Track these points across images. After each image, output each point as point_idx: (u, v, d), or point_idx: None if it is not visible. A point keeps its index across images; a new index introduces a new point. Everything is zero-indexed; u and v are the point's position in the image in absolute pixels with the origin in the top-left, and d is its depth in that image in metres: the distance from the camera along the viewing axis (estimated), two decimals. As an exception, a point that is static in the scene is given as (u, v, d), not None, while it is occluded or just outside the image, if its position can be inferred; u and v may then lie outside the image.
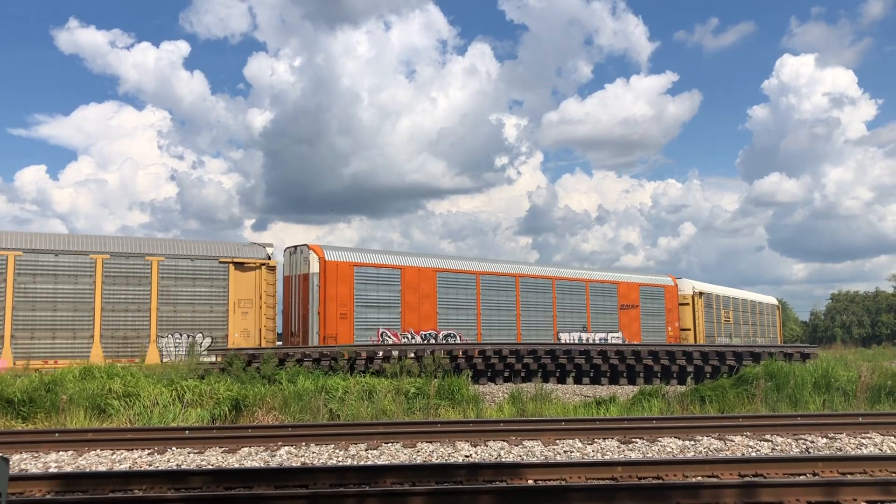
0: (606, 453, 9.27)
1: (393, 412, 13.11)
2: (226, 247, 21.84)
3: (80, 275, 19.20)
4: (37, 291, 18.70)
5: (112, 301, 19.57)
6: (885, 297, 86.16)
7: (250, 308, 21.51)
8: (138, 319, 19.90)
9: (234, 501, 6.20)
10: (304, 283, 22.08)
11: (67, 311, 19.07)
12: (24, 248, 18.67)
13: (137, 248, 20.30)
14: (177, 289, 20.50)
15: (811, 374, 14.89)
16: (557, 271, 29.86)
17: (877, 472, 7.73)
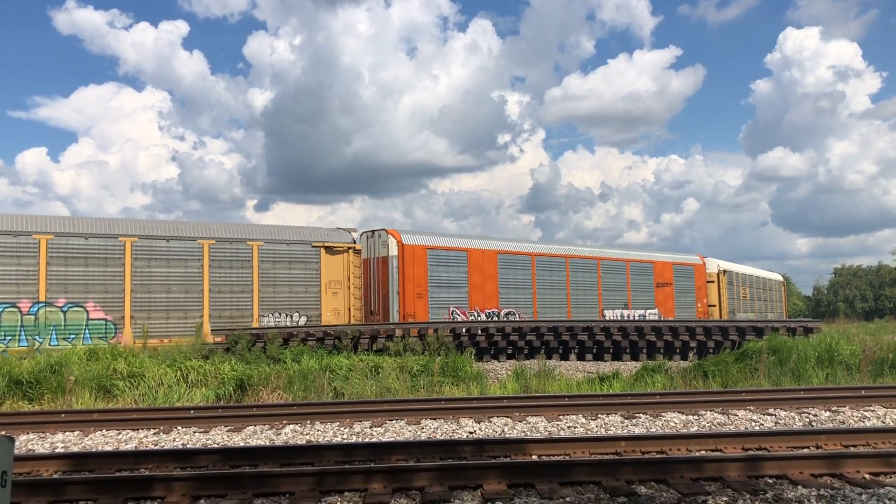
0: (610, 428, 9.31)
1: (397, 390, 13.17)
2: (317, 232, 23.20)
3: (189, 259, 20.42)
4: (151, 275, 19.83)
5: (218, 283, 20.81)
6: (888, 271, 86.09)
7: (340, 289, 22.88)
8: (242, 300, 21.18)
9: (240, 479, 6.24)
10: (384, 265, 23.48)
11: (179, 293, 20.24)
12: (140, 234, 19.86)
13: (239, 234, 21.57)
14: (275, 271, 21.75)
15: (814, 349, 14.92)
16: (602, 252, 30.94)
17: (880, 445, 7.77)
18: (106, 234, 19.41)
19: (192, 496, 6.06)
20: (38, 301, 18.18)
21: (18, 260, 18.13)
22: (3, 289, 17.85)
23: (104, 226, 19.74)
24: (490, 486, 6.09)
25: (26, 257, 18.23)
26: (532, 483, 6.17)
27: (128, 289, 19.46)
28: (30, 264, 18.25)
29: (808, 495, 5.80)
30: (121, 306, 19.33)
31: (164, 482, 6.17)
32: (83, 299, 18.85)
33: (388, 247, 23.46)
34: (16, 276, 18.07)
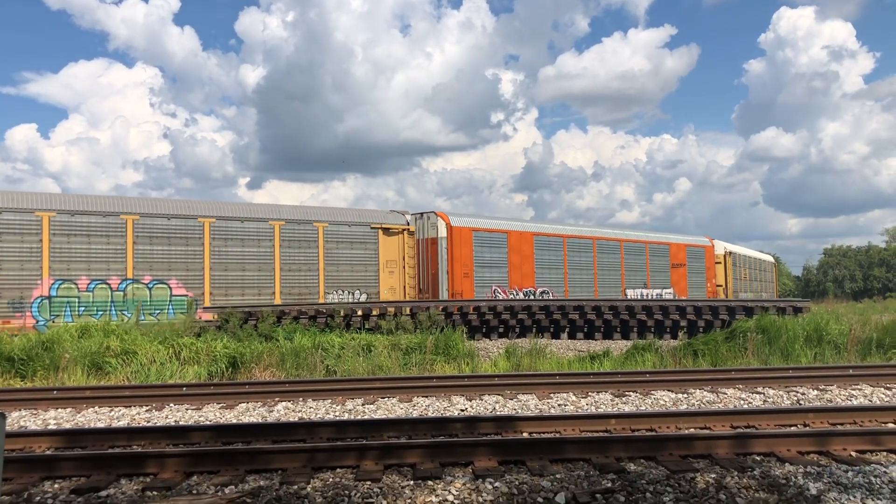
0: (600, 406, 9.38)
1: (389, 368, 13.23)
2: (375, 214, 24.66)
3: (261, 239, 21.56)
4: (228, 254, 20.96)
5: (288, 262, 21.98)
6: (877, 252, 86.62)
7: (395, 268, 24.20)
8: (309, 278, 22.35)
9: (233, 456, 6.27)
10: (433, 245, 24.68)
11: (253, 272, 21.42)
12: (217, 215, 21.00)
13: (306, 216, 22.72)
14: (338, 251, 23.00)
15: (803, 328, 15.04)
16: (623, 233, 32.22)
17: (866, 423, 7.85)
18: (186, 214, 20.50)
19: (185, 472, 6.08)
20: (126, 278, 19.34)
21: (108, 239, 19.21)
22: (95, 266, 18.95)
23: (185, 207, 20.88)
24: (481, 463, 6.14)
25: (115, 237, 19.31)
26: (523, 460, 6.22)
27: (207, 267, 20.60)
28: (118, 243, 19.34)
29: (796, 472, 5.87)
30: (201, 283, 20.46)
31: (156, 459, 6.20)
32: (167, 276, 19.95)
33: (437, 229, 24.69)
34: (106, 254, 19.16)
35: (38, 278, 18.22)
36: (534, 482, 5.68)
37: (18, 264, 18.06)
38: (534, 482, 5.68)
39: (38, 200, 18.76)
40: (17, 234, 18.11)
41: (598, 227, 32.16)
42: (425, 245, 24.93)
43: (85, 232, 18.93)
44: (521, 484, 5.65)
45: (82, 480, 5.96)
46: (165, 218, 20.10)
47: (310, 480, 5.83)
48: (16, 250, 18.05)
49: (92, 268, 18.94)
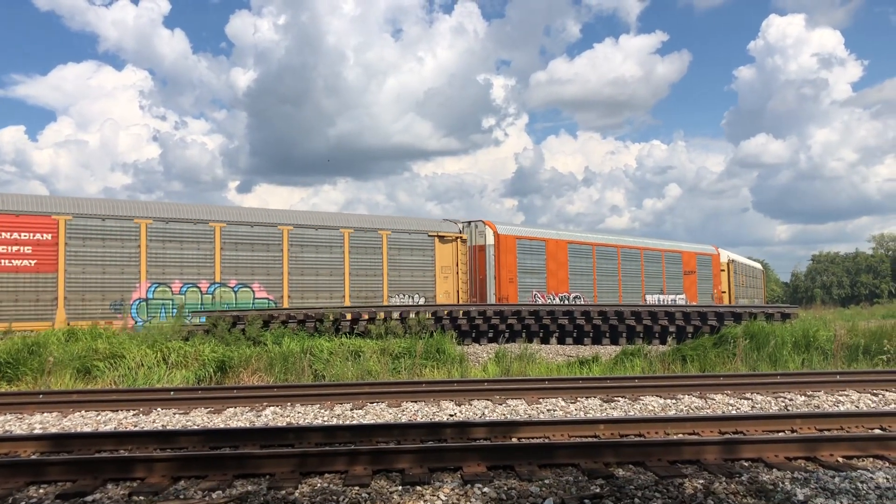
0: (589, 412, 9.39)
1: (378, 372, 13.20)
2: (431, 223, 26.11)
3: (333, 246, 23.06)
4: (304, 259, 22.40)
5: (356, 268, 23.49)
6: (864, 258, 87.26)
7: (450, 274, 25.73)
8: (374, 282, 23.85)
9: (221, 460, 6.24)
10: (481, 252, 26.13)
11: (326, 276, 22.85)
12: (294, 223, 22.46)
13: (372, 224, 24.22)
14: (399, 258, 24.43)
15: (791, 334, 15.12)
16: (643, 242, 33.87)
17: (853, 429, 7.89)
18: (267, 222, 21.97)
19: (172, 477, 6.05)
20: (214, 282, 20.72)
21: (198, 245, 20.62)
22: (187, 271, 20.33)
23: (266, 215, 22.41)
24: (470, 469, 6.13)
25: (204, 243, 20.72)
26: (511, 465, 6.22)
27: (285, 272, 22.04)
28: (207, 249, 20.75)
29: (783, 478, 5.89)
30: (280, 287, 21.90)
31: (143, 463, 6.16)
32: (250, 280, 21.37)
33: (485, 236, 26.12)
34: (196, 259, 20.53)
35: (136, 281, 19.59)
36: (522, 487, 5.68)
37: (119, 268, 19.40)
38: (522, 487, 5.68)
39: (136, 208, 20.20)
40: (119, 240, 19.45)
41: (621, 236, 33.57)
42: (474, 252, 26.35)
43: (178, 238, 20.30)
44: (509, 489, 5.65)
45: (68, 485, 5.92)
46: (249, 226, 21.65)
47: (298, 486, 5.81)
48: (117, 255, 19.40)
49: (184, 272, 20.30)
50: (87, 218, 19.19)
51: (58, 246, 18.68)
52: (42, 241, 18.57)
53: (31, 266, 18.34)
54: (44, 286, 18.44)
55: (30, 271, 18.32)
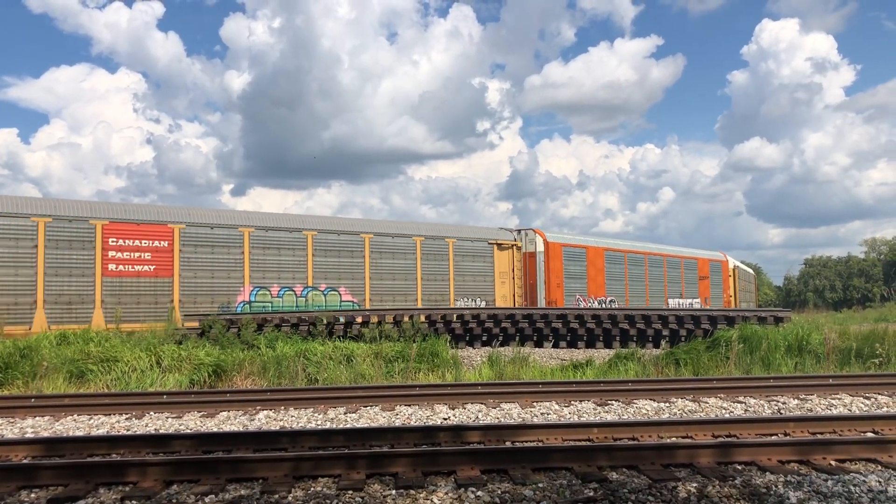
0: (583, 415, 9.39)
1: (371, 376, 13.18)
2: (490, 231, 27.97)
3: (407, 253, 24.80)
4: (382, 265, 24.11)
5: (427, 273, 25.16)
6: (856, 262, 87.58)
7: (507, 279, 27.41)
8: (442, 287, 25.60)
9: (214, 464, 6.22)
10: (532, 259, 27.83)
11: (401, 281, 24.52)
12: (375, 231, 24.25)
13: (440, 233, 26.03)
14: (463, 264, 26.23)
15: (784, 338, 15.15)
16: (665, 249, 35.94)
17: (846, 432, 7.92)
18: (352, 231, 23.75)
19: (165, 481, 6.03)
20: (307, 286, 22.31)
21: (293, 252, 22.26)
22: (284, 276, 21.98)
23: (351, 224, 24.24)
24: (463, 473, 6.13)
25: (298, 250, 22.36)
26: (505, 469, 6.22)
27: (367, 276, 23.75)
28: (301, 255, 22.41)
29: (776, 481, 5.90)
30: (362, 291, 23.58)
31: (136, 467, 6.13)
32: (337, 284, 23.04)
33: (535, 244, 27.84)
34: (291, 265, 22.18)
35: (241, 286, 21.18)
36: (516, 491, 5.68)
37: (226, 273, 20.97)
38: (516, 491, 5.68)
39: (240, 217, 22.00)
40: (225, 247, 21.05)
41: (647, 243, 35.42)
42: (525, 258, 27.98)
43: (276, 245, 21.94)
44: (503, 493, 5.64)
45: (60, 489, 5.89)
46: (336, 234, 23.27)
47: (291, 490, 5.80)
48: (224, 261, 20.99)
49: (281, 277, 21.91)
50: (197, 227, 20.72)
51: (173, 253, 20.19)
52: (160, 248, 20.05)
53: (151, 271, 19.82)
54: (161, 290, 19.91)
55: (149, 276, 19.79)
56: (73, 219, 18.92)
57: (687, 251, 37.60)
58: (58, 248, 18.65)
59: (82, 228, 19.00)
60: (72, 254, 18.82)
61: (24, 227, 18.24)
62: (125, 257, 19.53)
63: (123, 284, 19.33)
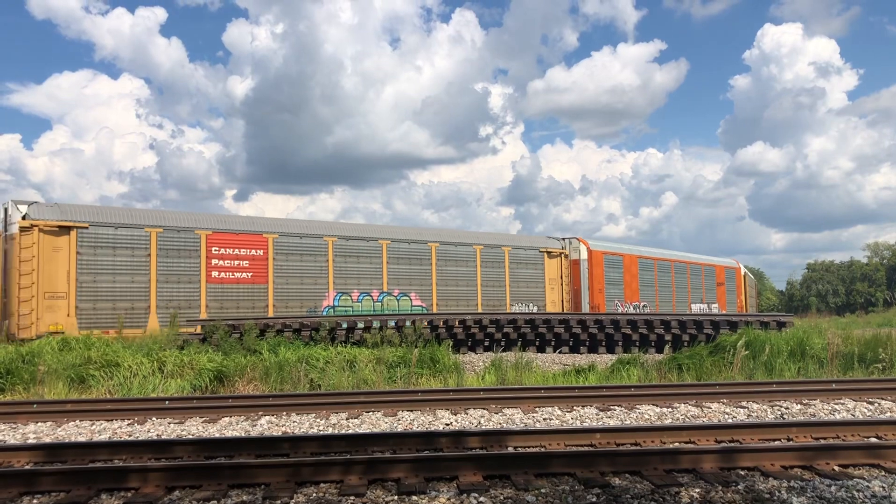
0: (585, 421, 9.37)
1: (374, 381, 13.16)
2: (540, 240, 30.04)
3: (468, 261, 26.75)
4: (447, 272, 26.00)
5: (486, 279, 27.19)
6: (859, 267, 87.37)
7: (556, 285, 29.38)
8: (499, 293, 27.52)
9: (215, 470, 6.21)
10: (576, 266, 29.94)
11: (463, 287, 26.45)
12: (440, 240, 25.94)
13: (496, 241, 28.15)
14: (517, 271, 28.10)
15: (787, 343, 15.11)
16: (688, 256, 38.02)
17: (849, 437, 7.89)
18: (420, 240, 25.51)
19: (167, 487, 6.02)
20: (382, 291, 24.08)
21: (370, 260, 24.09)
22: (363, 282, 23.74)
23: (419, 234, 26.02)
24: (466, 478, 6.11)
25: (375, 258, 24.10)
26: (507, 474, 6.20)
27: (434, 283, 25.54)
28: (377, 263, 24.21)
29: (780, 487, 5.88)
30: (430, 296, 25.33)
31: (138, 473, 6.12)
32: (409, 290, 24.76)
33: (579, 252, 29.87)
34: (369, 272, 23.98)
35: (326, 291, 22.86)
36: (518, 497, 5.66)
37: (313, 280, 22.70)
38: (518, 497, 5.66)
39: (325, 227, 23.76)
40: (312, 255, 22.71)
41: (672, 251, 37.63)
42: (570, 265, 30.09)
43: (356, 254, 23.65)
44: (505, 499, 5.63)
45: (62, 496, 5.88)
46: (407, 243, 24.94)
47: (293, 495, 5.79)
48: (311, 269, 22.67)
49: (360, 283, 23.61)
50: (288, 236, 22.30)
51: (268, 261, 21.78)
52: (256, 256, 21.59)
53: (249, 278, 21.39)
54: (258, 295, 21.56)
55: (247, 283, 21.37)
56: (181, 229, 20.43)
57: (706, 258, 39.58)
58: (168, 257, 20.09)
59: (189, 238, 20.49)
60: (180, 262, 20.28)
61: (139, 237, 19.70)
62: (226, 265, 21.01)
63: (225, 290, 20.83)
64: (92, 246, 18.99)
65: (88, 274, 18.91)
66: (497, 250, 27.51)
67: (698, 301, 37.04)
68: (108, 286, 19.14)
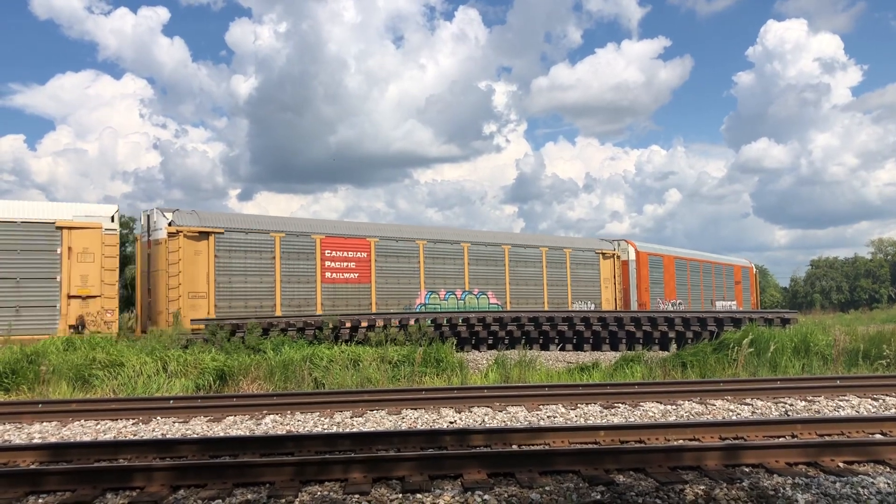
0: (589, 418, 9.37)
1: (378, 380, 13.17)
2: (596, 242, 32.29)
3: (536, 262, 28.95)
4: (517, 272, 28.11)
5: (551, 279, 29.35)
6: (863, 263, 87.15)
7: (609, 284, 31.50)
8: (562, 291, 29.77)
9: (220, 469, 6.22)
10: (625, 266, 32.22)
11: (531, 286, 28.60)
12: (512, 243, 28.43)
13: (559, 244, 30.34)
14: (578, 271, 30.46)
15: (791, 339, 15.09)
16: (711, 256, 40.48)
17: (854, 434, 7.88)
18: (495, 242, 27.83)
19: (172, 486, 6.03)
20: (465, 290, 26.11)
21: (454, 261, 26.04)
22: (448, 282, 25.66)
23: (493, 237, 28.69)
24: (470, 476, 6.12)
25: (458, 259, 26.14)
26: (512, 472, 6.21)
27: (507, 282, 27.59)
28: (460, 264, 26.18)
29: (784, 483, 5.88)
30: (503, 295, 27.33)
31: (143, 472, 6.14)
32: (486, 289, 26.76)
33: (628, 253, 32.22)
34: (453, 273, 26.00)
35: (418, 290, 24.77)
36: (523, 495, 5.66)
37: (408, 280, 24.57)
38: (523, 495, 5.66)
39: (416, 231, 25.81)
40: (406, 257, 24.68)
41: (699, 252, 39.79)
42: (621, 265, 32.20)
43: (442, 256, 25.59)
44: (510, 496, 5.63)
45: (68, 495, 5.90)
46: (484, 245, 27.06)
47: (298, 494, 5.79)
48: (406, 270, 24.57)
49: (446, 283, 25.55)
50: (387, 240, 24.19)
51: (370, 262, 23.68)
52: (360, 258, 23.42)
53: (355, 279, 23.23)
54: (363, 294, 23.42)
55: (354, 283, 23.22)
56: (299, 234, 22.23)
57: (725, 259, 42.29)
58: (289, 259, 21.84)
59: (307, 242, 22.32)
60: (299, 264, 22.05)
61: (265, 241, 21.46)
62: (337, 266, 22.86)
63: (336, 290, 22.70)
64: (227, 249, 20.63)
65: (225, 275, 20.52)
66: (560, 252, 29.62)
67: (721, 299, 39.41)
68: (240, 286, 20.82)
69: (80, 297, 18.92)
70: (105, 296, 19.20)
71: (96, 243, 19.21)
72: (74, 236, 19.00)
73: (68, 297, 18.79)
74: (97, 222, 19.31)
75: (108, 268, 19.37)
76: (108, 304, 19.25)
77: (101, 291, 19.14)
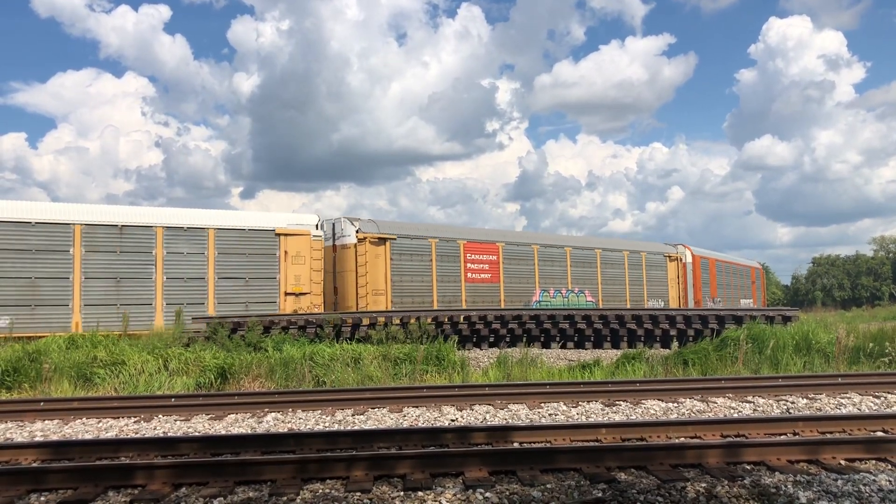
0: (591, 416, 9.37)
1: (379, 378, 13.17)
2: (662, 247, 35.03)
3: (619, 264, 31.73)
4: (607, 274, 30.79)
5: (631, 279, 32.10)
6: (864, 260, 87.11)
7: (674, 284, 34.39)
8: (638, 290, 32.33)
9: (222, 467, 6.22)
10: (683, 268, 35.26)
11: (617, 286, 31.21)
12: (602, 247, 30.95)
13: (616, 246, 32.28)
14: (650, 272, 33.12)
15: (792, 337, 15.08)
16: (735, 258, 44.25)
17: (855, 431, 7.87)
18: (589, 247, 30.64)
19: (173, 484, 6.03)
20: (568, 289, 29.11)
21: (560, 264, 28.99)
22: (556, 282, 28.65)
23: (586, 241, 31.70)
24: (472, 474, 6.12)
25: (562, 262, 29.05)
26: (513, 470, 6.20)
27: (599, 282, 30.46)
28: (563, 266, 29.10)
29: (786, 481, 5.87)
30: (597, 294, 30.22)
31: (145, 470, 6.14)
32: (583, 288, 29.79)
33: (686, 256, 35.42)
34: (559, 274, 28.88)
35: (533, 289, 27.69)
36: (524, 492, 5.66)
37: (526, 279, 27.47)
38: (524, 492, 5.66)
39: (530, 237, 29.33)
40: (524, 259, 27.55)
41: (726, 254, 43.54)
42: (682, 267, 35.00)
43: (550, 259, 28.51)
44: (511, 494, 5.63)
45: (69, 493, 5.90)
46: (581, 249, 30.12)
47: (299, 491, 5.80)
48: (525, 270, 27.54)
49: (554, 282, 28.43)
50: (510, 245, 27.12)
51: (499, 264, 26.57)
52: (491, 261, 26.36)
53: (488, 279, 26.21)
54: (494, 293, 26.26)
55: (488, 282, 26.19)
56: (448, 240, 25.18)
57: (743, 261, 45.94)
58: (442, 262, 24.77)
59: (454, 247, 25.31)
60: (449, 265, 25.03)
61: (425, 246, 24.51)
62: (475, 268, 25.81)
63: (476, 289, 25.63)
64: (399, 253, 23.66)
65: (398, 275, 23.55)
66: (637, 255, 32.42)
67: (744, 297, 42.94)
68: (409, 285, 23.81)
69: (294, 294, 21.81)
70: (313, 293, 22.12)
71: (306, 247, 22.07)
72: (290, 241, 21.90)
73: (285, 294, 21.67)
74: (306, 229, 22.22)
75: (315, 268, 22.32)
76: (316, 300, 22.19)
77: (310, 289, 22.05)
